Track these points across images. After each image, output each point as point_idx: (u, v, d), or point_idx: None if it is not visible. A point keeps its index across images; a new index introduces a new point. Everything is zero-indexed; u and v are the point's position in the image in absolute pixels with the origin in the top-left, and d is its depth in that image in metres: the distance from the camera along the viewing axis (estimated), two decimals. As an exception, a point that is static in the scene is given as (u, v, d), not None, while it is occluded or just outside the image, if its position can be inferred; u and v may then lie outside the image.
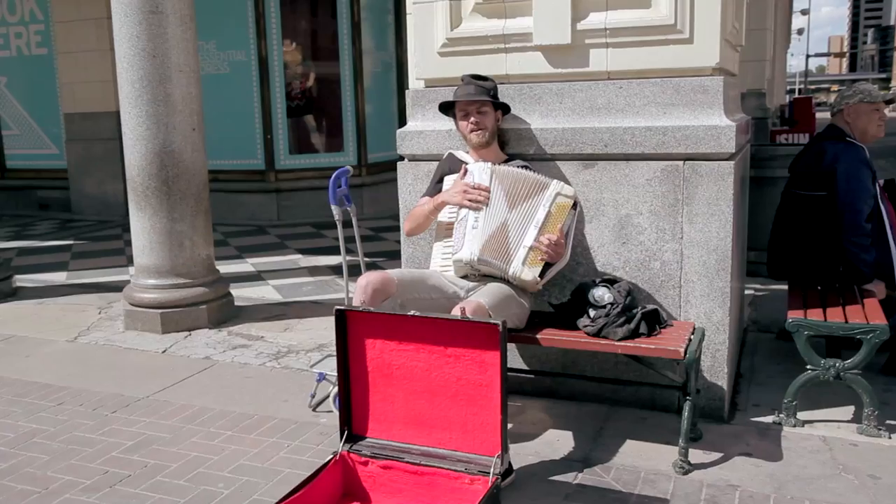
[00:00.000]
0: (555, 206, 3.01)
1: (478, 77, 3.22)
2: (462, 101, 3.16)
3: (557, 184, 3.05)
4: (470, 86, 3.17)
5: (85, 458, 3.05)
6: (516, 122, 3.35)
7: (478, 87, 3.16)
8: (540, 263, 2.99)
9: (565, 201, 3.03)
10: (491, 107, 3.17)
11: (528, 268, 2.98)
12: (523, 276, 2.97)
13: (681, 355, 2.76)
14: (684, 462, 2.82)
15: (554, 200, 3.02)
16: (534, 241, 2.97)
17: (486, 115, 3.16)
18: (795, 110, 13.80)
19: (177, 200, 4.66)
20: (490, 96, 3.16)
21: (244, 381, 3.88)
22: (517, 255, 2.98)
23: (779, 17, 13.60)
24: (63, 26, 9.78)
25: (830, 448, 2.99)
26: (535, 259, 2.98)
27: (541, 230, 2.98)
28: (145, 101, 4.53)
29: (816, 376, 3.14)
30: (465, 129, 3.19)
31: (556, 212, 3.01)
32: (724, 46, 3.18)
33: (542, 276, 3.03)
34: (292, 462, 2.96)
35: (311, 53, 9.89)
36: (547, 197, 3.02)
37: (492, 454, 2.39)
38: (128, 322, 4.81)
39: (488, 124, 3.16)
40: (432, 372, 2.48)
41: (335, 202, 3.52)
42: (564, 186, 3.06)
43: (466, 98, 3.14)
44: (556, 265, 3.07)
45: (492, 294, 2.89)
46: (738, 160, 3.25)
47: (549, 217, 3.00)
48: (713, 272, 3.14)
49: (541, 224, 2.99)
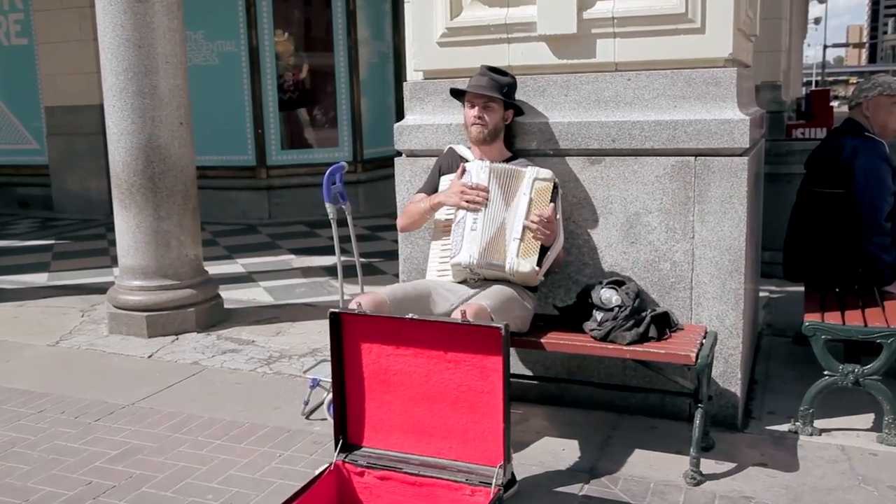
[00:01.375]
0: (535, 192, 3.04)
1: (496, 70, 3.20)
2: (471, 92, 3.15)
3: (533, 169, 3.08)
4: (484, 77, 3.16)
5: (67, 468, 3.05)
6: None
7: (491, 81, 3.14)
8: (534, 250, 3.00)
9: (544, 185, 3.05)
10: (500, 104, 3.16)
11: (524, 259, 2.98)
12: (521, 268, 2.98)
13: (692, 360, 2.76)
14: (696, 472, 2.82)
15: (532, 186, 3.04)
16: (521, 228, 2.98)
17: (493, 112, 3.15)
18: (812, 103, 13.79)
19: (163, 198, 4.65)
20: (502, 94, 3.15)
21: (234, 388, 3.88)
22: (510, 249, 3.00)
23: (795, 6, 13.61)
24: (44, 15, 9.78)
25: (849, 458, 2.99)
26: (529, 246, 3.00)
27: (527, 217, 3.00)
28: (130, 93, 4.53)
29: (834, 382, 3.14)
30: (468, 120, 3.18)
31: (538, 197, 3.04)
32: (738, 36, 3.18)
33: (540, 264, 3.03)
34: (284, 472, 2.96)
35: (304, 44, 9.90)
36: (526, 184, 3.04)
37: (494, 464, 2.39)
38: (112, 325, 4.81)
39: (492, 121, 3.15)
40: (431, 378, 2.48)
41: (329, 200, 3.52)
42: (540, 170, 3.08)
43: (476, 90, 3.13)
44: (552, 249, 3.07)
45: (494, 296, 2.89)
46: (752, 156, 3.25)
47: (531, 204, 3.03)
48: (726, 273, 3.14)
49: (526, 212, 3.01)
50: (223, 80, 9.13)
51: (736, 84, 3.08)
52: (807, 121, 12.59)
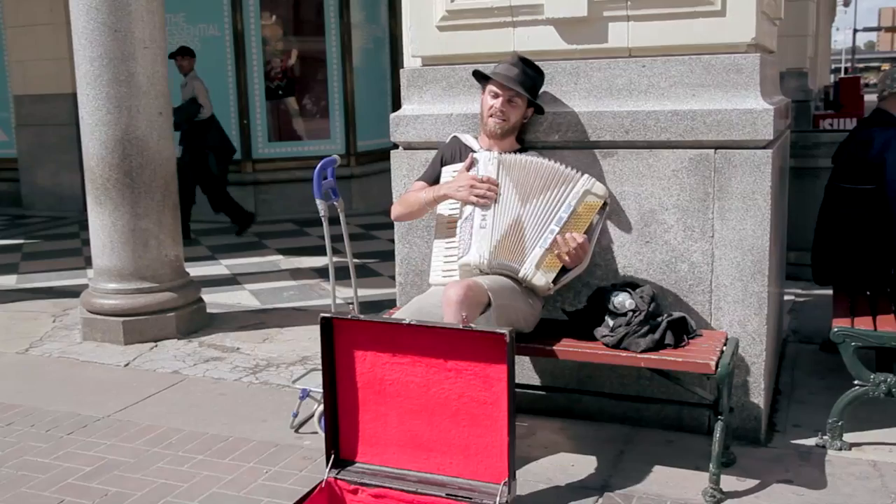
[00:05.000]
0: (583, 206, 2.99)
1: (528, 63, 3.17)
2: (497, 81, 3.13)
3: (587, 180, 3.02)
4: (515, 68, 3.12)
5: (37, 485, 3.05)
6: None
7: (522, 75, 3.11)
8: (556, 267, 2.99)
9: (595, 201, 3.00)
10: (525, 101, 3.15)
11: (543, 272, 2.98)
12: (535, 280, 2.98)
13: (712, 369, 2.76)
14: (716, 490, 2.82)
15: (583, 199, 2.99)
16: (553, 239, 2.96)
17: (516, 108, 3.14)
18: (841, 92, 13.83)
19: (141, 194, 4.66)
20: (530, 92, 3.14)
21: (217, 399, 3.88)
22: (531, 255, 2.98)
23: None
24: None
25: (881, 474, 2.99)
26: (553, 262, 2.98)
27: (562, 230, 2.97)
28: (105, 81, 4.53)
29: (865, 393, 3.14)
30: (486, 109, 3.16)
31: (584, 212, 2.99)
32: (761, 19, 3.18)
33: (556, 282, 3.03)
34: (272, 490, 2.96)
35: (293, 27, 9.91)
36: (574, 193, 2.99)
37: (497, 481, 2.40)
38: (86, 331, 4.81)
39: (513, 117, 3.15)
40: (430, 388, 2.49)
41: (320, 196, 3.52)
42: (595, 183, 3.02)
43: (505, 81, 3.10)
44: (574, 271, 3.07)
45: (495, 280, 2.90)
46: (777, 148, 3.26)
47: (574, 216, 2.98)
48: (748, 275, 3.14)
49: (563, 223, 2.97)
50: (206, 67, 9.05)
51: (759, 71, 3.08)
52: (835, 111, 12.62)
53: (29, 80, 9.86)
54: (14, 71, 10.05)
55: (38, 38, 9.63)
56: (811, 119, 10.67)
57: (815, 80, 13.23)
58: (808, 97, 10.66)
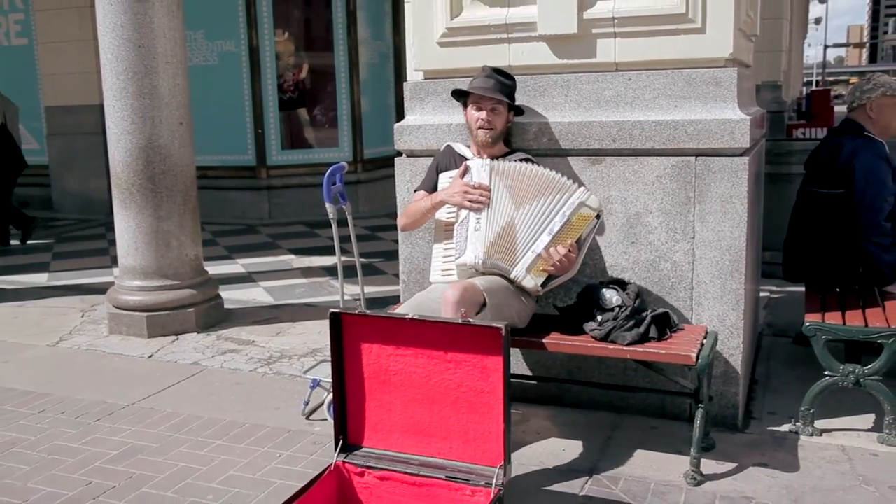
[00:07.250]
0: (577, 217, 2.95)
1: (500, 72, 3.17)
2: (477, 94, 3.14)
3: (583, 192, 2.98)
4: (491, 79, 3.12)
5: (67, 468, 3.05)
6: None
7: (499, 84, 3.12)
8: (545, 273, 2.99)
9: (588, 212, 2.96)
10: (506, 107, 3.15)
11: (532, 276, 2.97)
12: (525, 282, 2.98)
13: (693, 361, 2.76)
14: (696, 473, 2.82)
15: (577, 210, 2.95)
16: (543, 249, 2.94)
17: (499, 115, 3.14)
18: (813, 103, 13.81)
19: (163, 198, 4.66)
20: (508, 97, 3.14)
21: (234, 388, 3.88)
22: (523, 258, 2.98)
23: (795, 6, 13.60)
24: (44, 15, 9.78)
25: (850, 458, 2.99)
26: (541, 268, 2.97)
27: (555, 238, 2.94)
28: (130, 93, 4.53)
29: (835, 383, 3.14)
30: (473, 122, 3.16)
31: (577, 222, 2.96)
32: (738, 36, 3.18)
33: (545, 285, 3.03)
34: (284, 473, 2.96)
35: (304, 43, 9.89)
36: (570, 204, 2.95)
37: (494, 464, 2.39)
38: (112, 326, 4.81)
39: (499, 125, 3.15)
40: (432, 378, 2.48)
41: (329, 200, 3.52)
42: (591, 196, 2.98)
43: (484, 93, 3.10)
44: (562, 277, 3.06)
45: (490, 280, 2.90)
46: (753, 156, 3.26)
47: (567, 226, 2.95)
48: (726, 273, 3.14)
49: (556, 232, 2.94)
50: (223, 80, 9.14)
51: (736, 84, 3.08)
52: (807, 121, 12.60)
53: (59, 93, 9.84)
54: (45, 84, 10.03)
55: (67, 54, 9.61)
56: (785, 128, 10.67)
57: (789, 92, 13.23)
58: (781, 108, 10.66)
